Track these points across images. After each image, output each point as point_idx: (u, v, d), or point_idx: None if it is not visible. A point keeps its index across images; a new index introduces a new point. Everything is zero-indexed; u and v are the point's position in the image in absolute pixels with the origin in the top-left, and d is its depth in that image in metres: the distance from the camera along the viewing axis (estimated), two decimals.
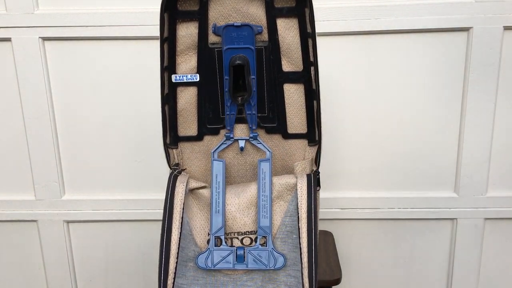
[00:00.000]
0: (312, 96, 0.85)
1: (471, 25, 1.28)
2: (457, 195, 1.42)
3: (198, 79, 0.85)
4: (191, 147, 0.91)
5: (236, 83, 0.83)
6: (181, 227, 0.81)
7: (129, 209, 1.47)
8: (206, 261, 0.84)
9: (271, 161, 0.87)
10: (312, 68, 0.84)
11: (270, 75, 0.84)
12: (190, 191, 0.88)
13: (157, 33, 0.83)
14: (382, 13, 1.29)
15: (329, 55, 1.33)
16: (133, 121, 1.41)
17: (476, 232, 1.44)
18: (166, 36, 0.83)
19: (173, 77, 0.85)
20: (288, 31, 0.82)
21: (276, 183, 0.86)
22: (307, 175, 0.86)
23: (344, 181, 1.44)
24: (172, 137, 0.89)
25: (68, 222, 1.49)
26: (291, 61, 0.84)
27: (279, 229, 0.85)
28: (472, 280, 1.49)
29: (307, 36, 0.82)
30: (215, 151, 0.89)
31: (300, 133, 0.89)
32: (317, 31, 0.82)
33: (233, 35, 0.81)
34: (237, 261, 0.84)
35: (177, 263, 0.80)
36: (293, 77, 0.85)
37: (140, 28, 1.32)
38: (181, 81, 0.86)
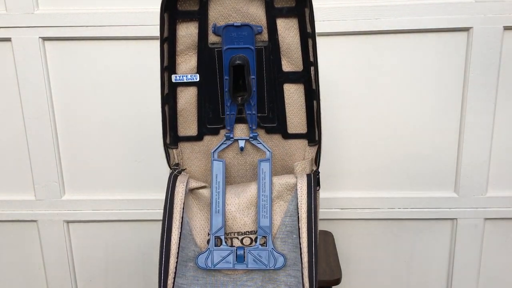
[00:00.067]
0: (312, 96, 0.85)
1: (471, 25, 1.28)
2: (457, 195, 1.42)
3: (198, 79, 0.85)
4: (191, 147, 0.91)
5: (236, 83, 0.83)
6: (181, 227, 0.81)
7: (129, 209, 1.47)
8: (206, 261, 0.84)
9: (271, 161, 0.87)
10: (312, 68, 0.84)
11: (270, 75, 0.84)
12: (190, 191, 0.88)
13: (157, 33, 0.83)
14: (382, 13, 1.29)
15: (329, 55, 1.33)
16: (133, 121, 1.41)
17: (476, 232, 1.44)
18: (166, 36, 0.83)
19: (173, 77, 0.85)
20: (288, 31, 0.82)
21: (276, 183, 0.86)
22: (307, 175, 0.86)
23: (344, 181, 1.44)
24: (172, 137, 0.89)
25: (68, 222, 1.49)
26: (291, 61, 0.84)
27: (279, 229, 0.85)
28: (472, 280, 1.49)
29: (307, 36, 0.82)
30: (215, 151, 0.89)
31: (300, 133, 0.89)
32: (317, 31, 0.82)
33: (233, 35, 0.81)
34: (237, 261, 0.84)
35: (177, 263, 0.80)
36: (293, 77, 0.85)
37: (140, 28, 1.32)
38: (181, 81, 0.86)
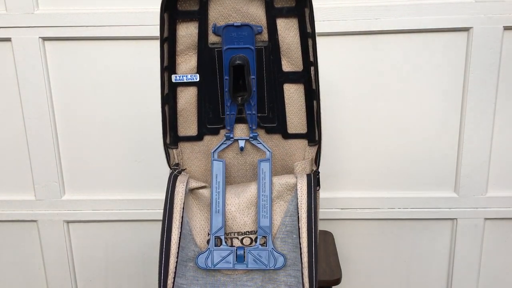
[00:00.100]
0: (312, 96, 0.85)
1: (471, 25, 1.28)
2: (457, 195, 1.42)
3: (198, 79, 0.85)
4: (191, 147, 0.91)
5: (236, 83, 0.83)
6: (181, 227, 0.81)
7: (129, 209, 1.47)
8: (206, 261, 0.84)
9: (271, 161, 0.87)
10: (312, 68, 0.84)
11: (270, 75, 0.84)
12: (190, 191, 0.88)
13: (157, 33, 0.83)
14: (382, 13, 1.29)
15: (329, 55, 1.33)
16: (133, 121, 1.41)
17: (476, 232, 1.44)
18: (166, 36, 0.83)
19: (173, 77, 0.85)
20: (288, 31, 0.82)
21: (276, 183, 0.86)
22: (307, 175, 0.86)
23: (344, 181, 1.44)
24: (172, 137, 0.89)
25: (68, 222, 1.49)
26: (291, 61, 0.84)
27: (279, 229, 0.85)
28: (472, 280, 1.49)
29: (307, 36, 0.82)
30: (215, 151, 0.89)
31: (300, 133, 0.89)
32: (317, 31, 0.82)
33: (233, 35, 0.81)
34: (237, 261, 0.84)
35: (177, 263, 0.80)
36: (293, 77, 0.85)
37: (140, 28, 1.32)
38: (181, 81, 0.86)
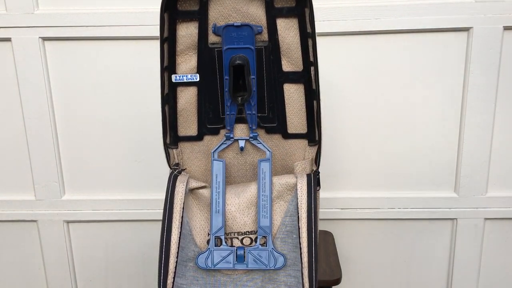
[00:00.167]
0: (312, 96, 0.85)
1: (471, 25, 1.28)
2: (457, 195, 1.42)
3: (198, 79, 0.85)
4: (191, 147, 0.91)
5: (236, 83, 0.83)
6: (181, 227, 0.81)
7: (129, 209, 1.47)
8: (206, 261, 0.84)
9: (271, 161, 0.87)
10: (312, 68, 0.84)
11: (270, 75, 0.84)
12: (190, 191, 0.88)
13: (157, 33, 0.83)
14: (382, 13, 1.29)
15: (329, 55, 1.33)
16: (133, 121, 1.41)
17: (476, 232, 1.44)
18: (166, 36, 0.83)
19: (173, 77, 0.85)
20: (288, 31, 0.82)
21: (276, 183, 0.86)
22: (307, 175, 0.86)
23: (344, 181, 1.44)
24: (172, 137, 0.89)
25: (68, 222, 1.49)
26: (291, 61, 0.84)
27: (279, 229, 0.85)
28: (472, 280, 1.49)
29: (307, 36, 0.82)
30: (215, 151, 0.89)
31: (300, 133, 0.89)
32: (317, 31, 0.82)
33: (233, 35, 0.80)
34: (237, 261, 0.84)
35: (176, 263, 0.80)
36: (293, 77, 0.85)
37: (140, 28, 1.32)
38: (181, 81, 0.86)
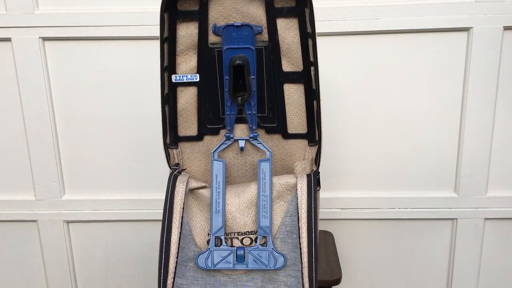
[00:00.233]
0: (312, 96, 0.85)
1: (471, 25, 1.28)
2: (457, 195, 1.42)
3: (198, 79, 0.85)
4: (191, 147, 0.91)
5: (236, 83, 0.83)
6: (181, 227, 0.81)
7: (129, 209, 1.47)
8: (206, 261, 0.84)
9: (271, 161, 0.87)
10: (312, 68, 0.84)
11: (270, 75, 0.84)
12: (190, 191, 0.88)
13: (157, 33, 0.83)
14: (382, 13, 1.29)
15: (329, 55, 1.33)
16: (133, 121, 1.41)
17: (476, 232, 1.44)
18: (166, 36, 0.83)
19: (173, 77, 0.85)
20: (288, 31, 0.82)
21: (276, 183, 0.86)
22: (307, 175, 0.86)
23: (344, 181, 1.44)
24: (172, 137, 0.89)
25: (68, 222, 1.49)
26: (291, 61, 0.84)
27: (279, 229, 0.85)
28: (472, 280, 1.49)
29: (307, 36, 0.82)
30: (215, 151, 0.89)
31: (300, 133, 0.89)
32: (317, 31, 0.82)
33: (233, 35, 0.80)
34: (237, 261, 0.84)
35: (176, 263, 0.80)
36: (293, 77, 0.85)
37: (140, 28, 1.32)
38: (181, 81, 0.86)
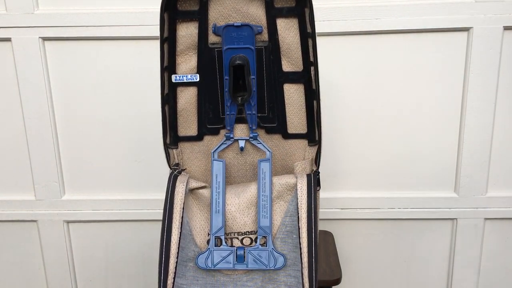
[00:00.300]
0: (312, 96, 0.85)
1: (471, 25, 1.28)
2: (457, 195, 1.42)
3: (198, 79, 0.85)
4: (191, 147, 0.91)
5: (236, 83, 0.83)
6: (181, 227, 0.81)
7: (129, 209, 1.47)
8: (206, 261, 0.84)
9: (271, 161, 0.87)
10: (312, 68, 0.84)
11: (270, 75, 0.84)
12: (190, 191, 0.88)
13: (157, 33, 0.83)
14: (382, 13, 1.29)
15: (329, 55, 1.33)
16: (133, 121, 1.41)
17: (476, 232, 1.44)
18: (166, 36, 0.83)
19: (173, 77, 0.85)
20: (288, 31, 0.82)
21: (276, 183, 0.86)
22: (307, 175, 0.86)
23: (344, 181, 1.44)
24: (172, 137, 0.89)
25: (68, 222, 1.49)
26: (291, 61, 0.84)
27: (279, 229, 0.85)
28: (472, 280, 1.49)
29: (307, 36, 0.82)
30: (215, 151, 0.89)
31: (300, 133, 0.89)
32: (317, 31, 0.82)
33: (233, 35, 0.80)
34: (237, 261, 0.84)
35: (177, 263, 0.80)
36: (293, 77, 0.85)
37: (140, 28, 1.32)
38: (181, 81, 0.86)
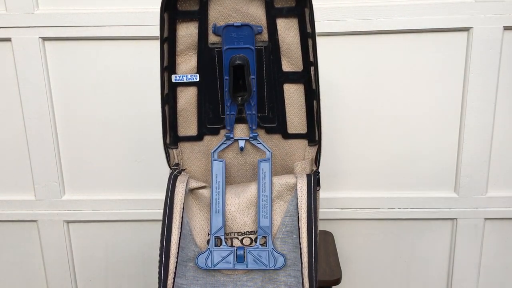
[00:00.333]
0: (312, 96, 0.85)
1: (471, 25, 1.28)
2: (457, 195, 1.42)
3: (198, 79, 0.85)
4: (191, 147, 0.91)
5: (236, 83, 0.83)
6: (181, 227, 0.81)
7: (129, 209, 1.47)
8: (206, 261, 0.84)
9: (271, 161, 0.87)
10: (312, 68, 0.84)
11: (270, 75, 0.84)
12: (190, 191, 0.88)
13: (157, 33, 0.83)
14: (382, 13, 1.29)
15: (329, 55, 1.33)
16: (133, 121, 1.41)
17: (476, 232, 1.44)
18: (166, 36, 0.83)
19: (173, 77, 0.85)
20: (288, 31, 0.82)
21: (276, 183, 0.86)
22: (307, 175, 0.86)
23: (344, 181, 1.44)
24: (172, 137, 0.89)
25: (68, 222, 1.49)
26: (291, 61, 0.84)
27: (279, 229, 0.85)
28: (472, 280, 1.49)
29: (307, 36, 0.82)
30: (215, 151, 0.89)
31: (300, 133, 0.89)
32: (317, 31, 0.82)
33: (233, 35, 0.80)
34: (237, 261, 0.84)
35: (177, 263, 0.80)
36: (293, 77, 0.85)
37: (140, 28, 1.32)
38: (181, 81, 0.86)
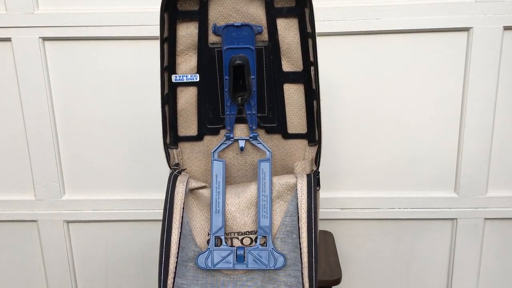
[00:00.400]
0: (312, 96, 0.85)
1: (471, 25, 1.28)
2: (457, 195, 1.42)
3: (198, 79, 0.85)
4: (191, 147, 0.91)
5: (236, 83, 0.83)
6: (181, 227, 0.81)
7: (129, 209, 1.47)
8: (206, 261, 0.84)
9: (271, 161, 0.87)
10: (312, 68, 0.84)
11: (270, 75, 0.84)
12: (190, 191, 0.88)
13: (157, 33, 0.83)
14: (382, 13, 1.29)
15: (329, 55, 1.33)
16: (133, 121, 1.41)
17: (476, 232, 1.44)
18: (166, 36, 0.83)
19: (173, 77, 0.85)
20: (288, 31, 0.82)
21: (276, 183, 0.86)
22: (307, 175, 0.86)
23: (344, 181, 1.44)
24: (172, 137, 0.89)
25: (68, 222, 1.49)
26: (291, 61, 0.84)
27: (279, 229, 0.85)
28: (472, 280, 1.49)
29: (307, 36, 0.82)
30: (215, 151, 0.89)
31: (300, 133, 0.89)
32: (317, 31, 0.82)
33: (233, 35, 0.81)
34: (237, 261, 0.84)
35: (177, 263, 0.80)
36: (293, 77, 0.85)
37: (140, 28, 1.32)
38: (181, 81, 0.86)
